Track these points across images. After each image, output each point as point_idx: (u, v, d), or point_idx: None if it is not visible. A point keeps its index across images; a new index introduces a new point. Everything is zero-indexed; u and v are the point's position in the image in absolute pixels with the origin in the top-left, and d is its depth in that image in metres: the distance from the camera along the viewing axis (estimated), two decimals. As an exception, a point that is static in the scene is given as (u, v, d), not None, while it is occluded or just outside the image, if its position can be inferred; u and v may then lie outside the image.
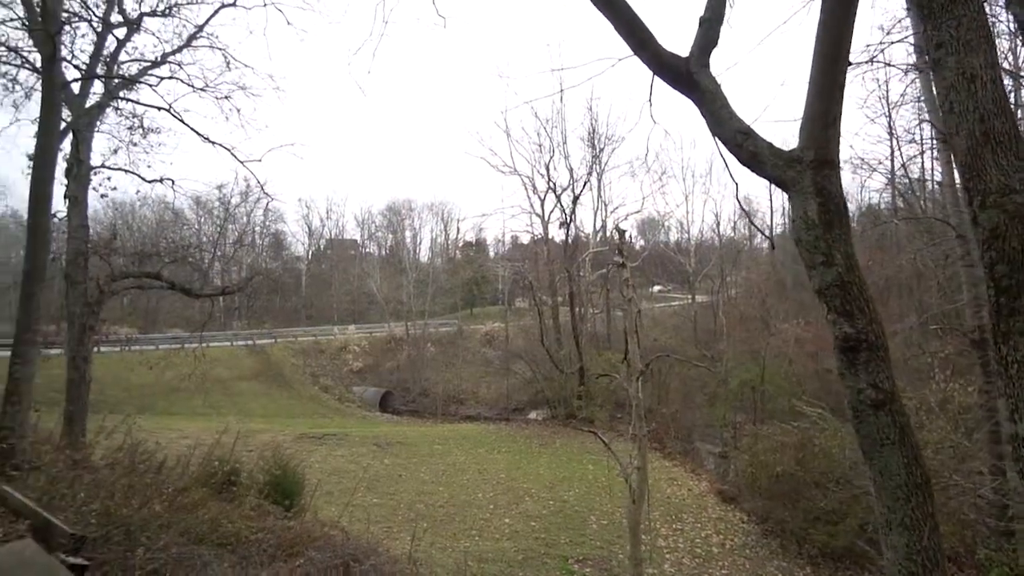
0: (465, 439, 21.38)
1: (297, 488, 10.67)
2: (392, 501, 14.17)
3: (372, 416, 28.45)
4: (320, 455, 17.50)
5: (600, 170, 29.74)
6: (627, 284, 7.11)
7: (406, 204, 57.08)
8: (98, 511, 6.27)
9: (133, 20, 13.39)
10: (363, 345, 36.07)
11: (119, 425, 8.43)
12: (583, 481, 16.46)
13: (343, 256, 53.87)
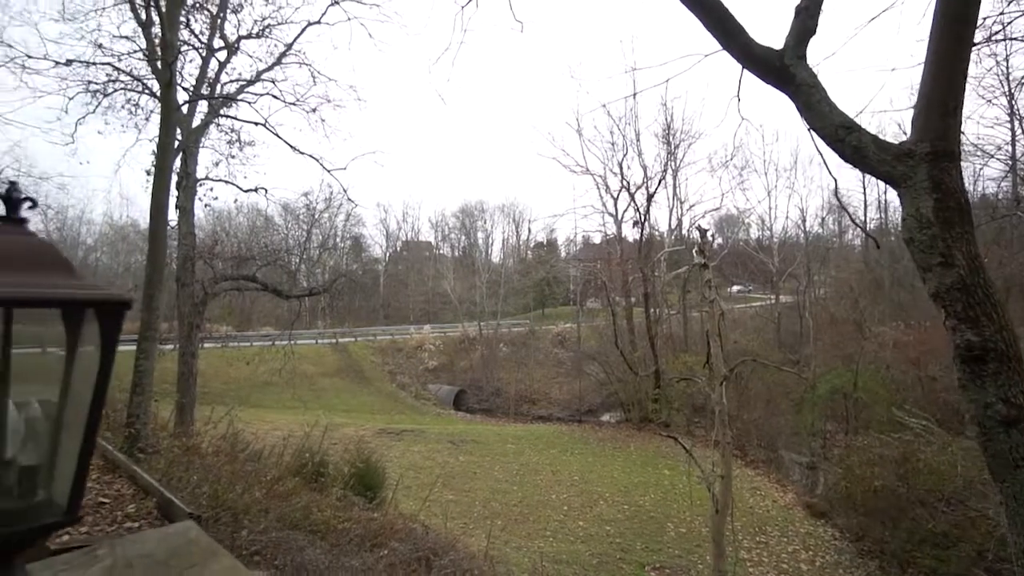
0: (538, 439, 21.44)
1: (379, 481, 11.15)
2: (467, 498, 14.46)
3: (446, 414, 29.17)
4: (398, 450, 18.19)
5: (675, 167, 28.83)
6: (708, 285, 6.84)
7: (478, 206, 58.14)
8: (208, 494, 6.86)
9: (232, 43, 14.54)
10: (437, 344, 37.04)
11: (223, 416, 9.16)
12: (659, 487, 16.04)
13: (418, 258, 55.64)
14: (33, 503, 0.71)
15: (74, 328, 0.72)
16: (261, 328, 35.69)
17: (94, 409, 0.73)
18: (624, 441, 21.35)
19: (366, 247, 55.63)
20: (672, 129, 27.30)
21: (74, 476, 0.72)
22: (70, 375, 0.74)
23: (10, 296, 0.64)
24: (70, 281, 0.70)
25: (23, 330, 0.74)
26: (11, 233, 0.71)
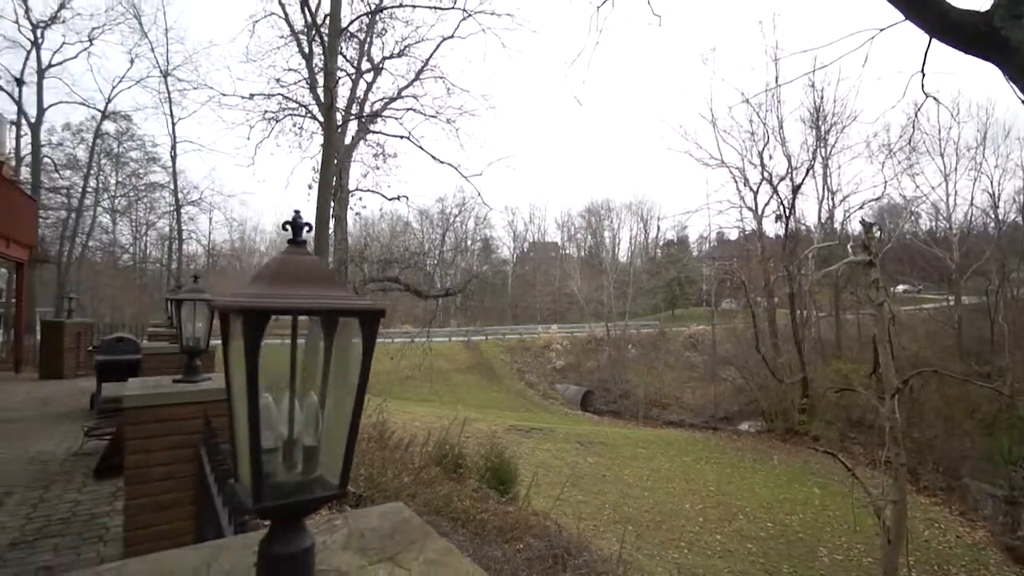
0: (669, 445, 20.62)
1: (511, 477, 11.49)
2: (597, 500, 14.34)
3: (574, 414, 29.19)
4: (528, 447, 18.57)
5: (826, 154, 25.97)
6: (876, 285, 6.06)
7: (604, 205, 57.43)
8: (365, 476, 7.57)
9: (377, 64, 15.90)
10: (564, 344, 37.21)
11: (377, 407, 10.03)
12: (808, 506, 14.59)
13: (544, 258, 56.38)
14: (314, 477, 0.85)
15: (344, 331, 0.85)
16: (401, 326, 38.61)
17: (358, 399, 0.85)
18: (766, 453, 19.74)
19: (495, 249, 57.67)
20: (822, 112, 24.63)
21: (344, 456, 0.85)
22: (340, 372, 0.87)
23: (323, 307, 0.78)
24: (342, 293, 0.83)
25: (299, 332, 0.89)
26: (299, 254, 0.85)
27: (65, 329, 11.95)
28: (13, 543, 3.80)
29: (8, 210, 11.62)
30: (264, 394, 0.79)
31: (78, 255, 28.91)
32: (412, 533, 1.15)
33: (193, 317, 3.10)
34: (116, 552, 3.70)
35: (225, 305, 0.81)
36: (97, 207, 31.12)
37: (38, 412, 8.18)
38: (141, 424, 2.75)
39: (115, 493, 4.82)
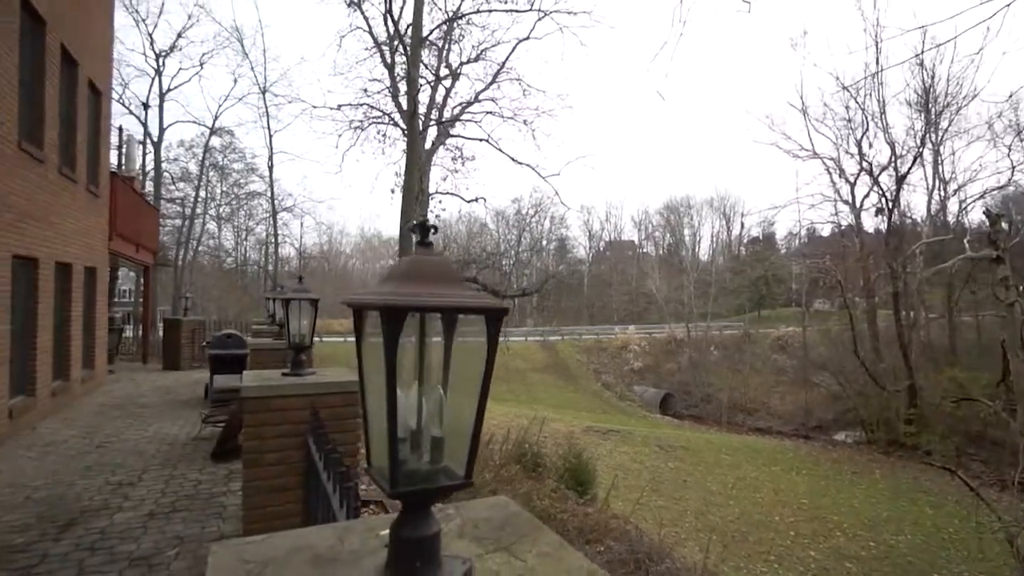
0: (756, 453, 19.58)
1: (590, 478, 11.38)
2: (678, 506, 13.90)
3: (652, 417, 28.44)
4: (605, 449, 18.30)
5: (937, 139, 23.56)
6: (1004, 283, 5.42)
7: (684, 201, 55.48)
8: (448, 471, 7.74)
9: (455, 70, 16.30)
10: (643, 345, 36.34)
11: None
12: (919, 527, 13.33)
13: (621, 257, 55.37)
14: (441, 467, 0.89)
15: (470, 328, 0.88)
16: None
17: (482, 395, 0.89)
18: (866, 466, 18.24)
19: (570, 248, 57.34)
20: (933, 93, 22.32)
21: (469, 448, 0.89)
22: (465, 367, 0.91)
23: (453, 304, 0.82)
24: (470, 292, 0.87)
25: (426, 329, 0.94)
26: (428, 254, 0.90)
27: (182, 326, 13.25)
28: (151, 514, 4.27)
29: (138, 220, 13.05)
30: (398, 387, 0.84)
31: (190, 259, 31.91)
32: (522, 526, 1.18)
33: (299, 315, 3.34)
34: (233, 528, 4.06)
35: (363, 303, 0.87)
36: (205, 215, 34.18)
37: (162, 400, 9.12)
38: (256, 413, 2.99)
39: (228, 475, 5.29)
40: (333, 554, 1.05)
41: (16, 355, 6.80)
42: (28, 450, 6.05)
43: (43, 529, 3.99)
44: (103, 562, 3.52)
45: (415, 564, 0.89)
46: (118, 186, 11.49)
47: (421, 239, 0.94)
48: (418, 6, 10.37)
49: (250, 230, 39.58)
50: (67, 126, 8.51)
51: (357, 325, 0.94)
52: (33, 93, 7.29)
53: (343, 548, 1.07)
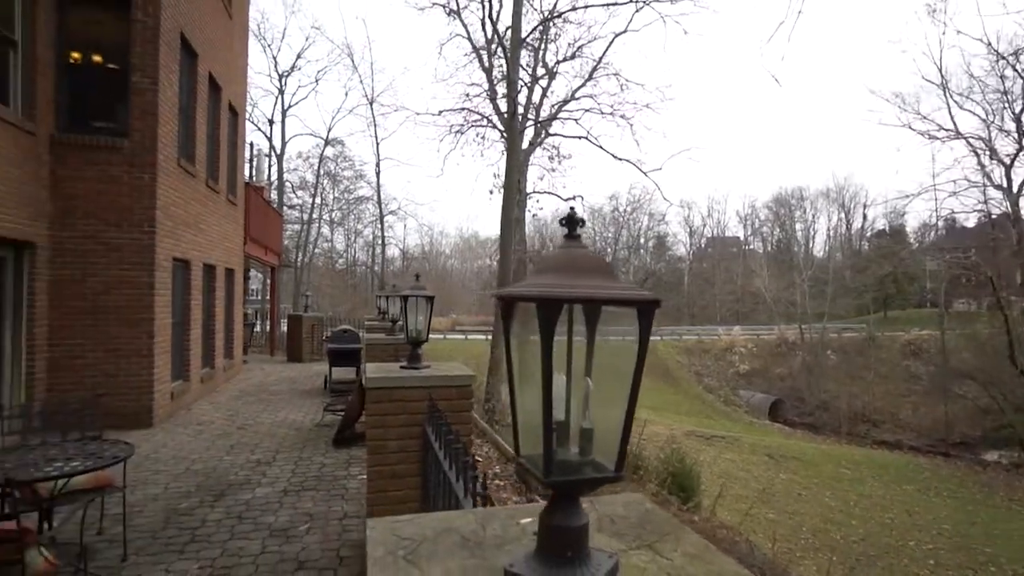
0: (882, 469, 17.71)
1: (693, 484, 10.91)
2: (792, 521, 12.93)
3: (760, 423, 26.70)
4: (709, 455, 17.46)
5: None
6: None
7: (795, 193, 51.48)
8: (549, 468, 7.77)
9: (551, 69, 16.30)
10: (749, 347, 34.20)
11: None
12: (1098, 566, 11.36)
13: (725, 254, 52.51)
14: (590, 459, 0.90)
15: (621, 320, 0.88)
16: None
17: (633, 388, 0.88)
18: (1026, 492, 15.86)
19: (669, 246, 55.34)
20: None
21: (619, 441, 0.89)
22: (616, 360, 0.91)
23: (607, 296, 0.82)
24: (620, 283, 0.86)
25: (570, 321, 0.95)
26: (578, 247, 0.91)
27: (303, 322, 14.48)
28: (285, 491, 4.72)
29: (266, 226, 14.46)
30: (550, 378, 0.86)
31: (307, 260, 34.77)
32: (662, 525, 1.15)
33: (416, 311, 3.51)
34: (355, 508, 4.37)
35: (518, 295, 0.89)
36: (320, 220, 37.07)
37: (288, 388, 10.04)
38: (379, 403, 3.19)
39: (348, 460, 5.70)
40: (478, 538, 1.09)
41: (175, 345, 7.81)
42: (185, 428, 6.92)
43: (201, 497, 4.54)
44: (249, 530, 3.94)
45: (566, 553, 0.90)
46: (251, 195, 12.79)
47: (569, 232, 0.95)
48: (517, 8, 10.53)
49: (358, 233, 42.37)
50: (212, 144, 9.62)
51: (506, 317, 0.97)
52: (188, 116, 8.33)
53: (486, 533, 1.11)
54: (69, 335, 6.63)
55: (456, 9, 14.18)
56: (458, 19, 14.66)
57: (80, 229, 6.71)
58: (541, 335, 0.84)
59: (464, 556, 1.01)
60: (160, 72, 7.00)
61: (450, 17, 14.65)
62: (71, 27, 6.81)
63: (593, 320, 0.91)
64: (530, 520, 1.18)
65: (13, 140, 5.93)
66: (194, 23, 8.30)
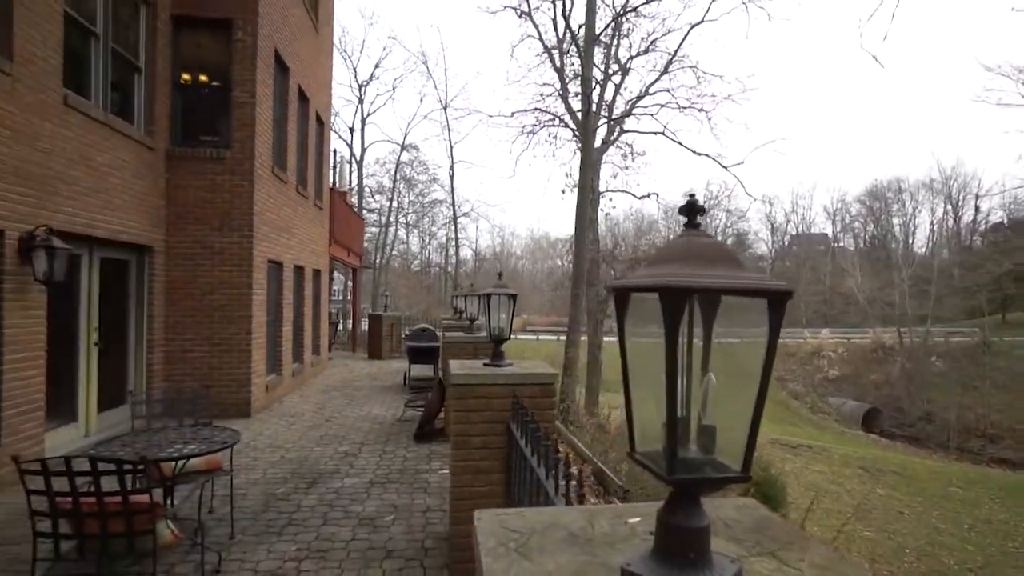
0: (1004, 491, 15.91)
1: (779, 495, 10.33)
2: (892, 541, 11.91)
3: (852, 434, 24.82)
4: (795, 465, 16.46)
5: None
6: None
7: (892, 185, 47.36)
8: (626, 472, 7.64)
9: (624, 65, 15.98)
10: (839, 351, 31.89)
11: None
12: None
13: (811, 252, 49.30)
14: (711, 458, 0.85)
15: (749, 312, 0.83)
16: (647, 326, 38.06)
17: (762, 385, 0.83)
18: None
19: (749, 244, 52.69)
20: None
21: (746, 442, 0.84)
22: (742, 354, 0.86)
23: (735, 286, 0.78)
24: (748, 273, 0.81)
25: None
26: (699, 235, 0.87)
27: (383, 321, 15.08)
28: (371, 482, 4.93)
29: (349, 229, 15.19)
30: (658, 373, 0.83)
31: (385, 262, 36.19)
32: (782, 533, 1.09)
33: (498, 309, 3.55)
34: (437, 502, 4.48)
35: (637, 285, 0.87)
36: (396, 223, 38.46)
37: (370, 384, 10.48)
38: (463, 399, 3.25)
39: (429, 455, 5.86)
40: (587, 535, 1.07)
41: (270, 342, 8.38)
42: (279, 419, 7.40)
43: (296, 484, 4.83)
44: (340, 517, 4.14)
45: (688, 554, 0.86)
46: (335, 200, 13.49)
47: (689, 220, 0.91)
48: (590, 5, 10.41)
49: (432, 235, 43.57)
50: (301, 152, 10.23)
51: (620, 310, 0.95)
52: (281, 127, 8.91)
53: (594, 531, 1.09)
54: (181, 331, 7.28)
55: (527, 10, 14.26)
56: (529, 20, 14.74)
57: (189, 234, 7.35)
58: (665, 327, 0.81)
59: (575, 552, 1.00)
60: (257, 87, 7.54)
61: (521, 19, 14.74)
62: (182, 50, 7.48)
63: (713, 312, 0.87)
64: (638, 520, 1.15)
65: (137, 155, 6.59)
66: (286, 39, 8.87)
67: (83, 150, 5.62)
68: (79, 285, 5.85)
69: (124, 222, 6.34)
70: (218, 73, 7.65)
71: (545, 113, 16.49)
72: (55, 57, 5.18)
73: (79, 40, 5.80)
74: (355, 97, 31.67)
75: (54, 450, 5.13)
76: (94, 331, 6.00)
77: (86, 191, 5.67)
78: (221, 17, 7.44)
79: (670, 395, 0.82)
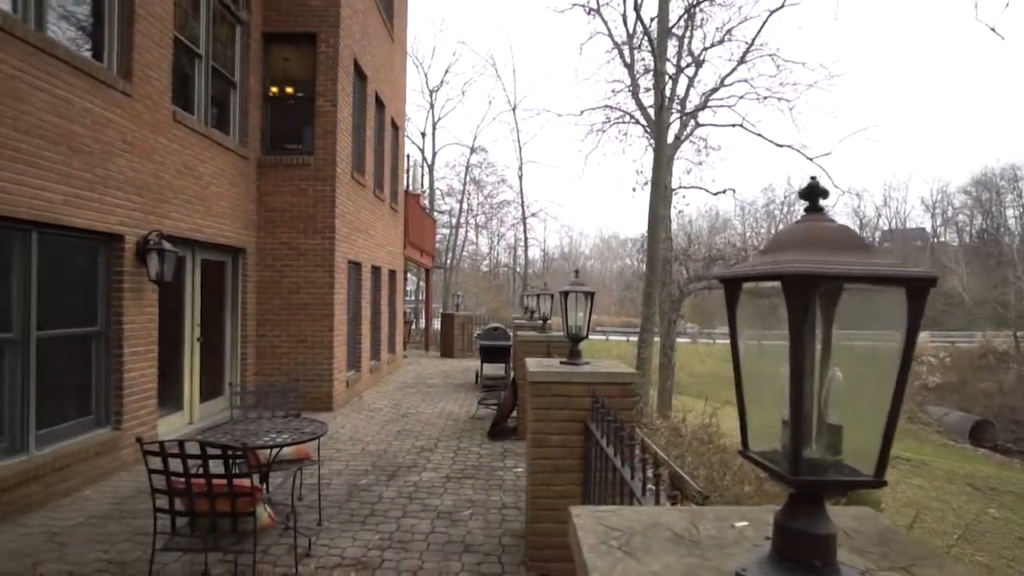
0: None
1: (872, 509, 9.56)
2: (1012, 570, 10.71)
3: (957, 447, 22.60)
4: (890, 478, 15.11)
5: None
6: None
7: (1007, 173, 42.72)
8: (704, 477, 7.36)
9: (698, 57, 15.40)
10: (941, 357, 29.15)
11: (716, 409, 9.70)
12: None
13: (907, 248, 45.40)
14: (838, 460, 0.79)
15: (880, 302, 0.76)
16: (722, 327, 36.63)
17: (899, 381, 0.76)
18: None
19: (834, 241, 49.25)
20: None
21: (880, 444, 0.77)
22: (873, 348, 0.79)
23: (868, 273, 0.72)
24: (881, 259, 0.74)
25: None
26: (823, 220, 0.81)
27: (455, 320, 15.39)
28: (447, 477, 5.03)
29: (422, 230, 15.65)
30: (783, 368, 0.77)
31: (456, 263, 36.96)
32: (909, 546, 0.99)
33: (576, 307, 3.51)
34: (512, 499, 4.50)
35: (754, 273, 0.82)
36: (466, 224, 39.17)
37: (443, 382, 10.73)
38: (541, 397, 3.24)
39: (503, 453, 5.91)
40: (692, 537, 1.03)
41: (350, 339, 8.77)
42: (359, 413, 7.73)
43: (376, 476, 5.02)
44: (419, 510, 4.26)
45: (812, 562, 0.80)
46: (409, 203, 13.92)
47: (811, 204, 0.84)
48: (663, -4, 10.12)
49: (501, 236, 44.01)
50: (378, 156, 10.64)
51: (731, 301, 0.90)
52: (359, 133, 9.31)
53: (699, 533, 1.04)
54: (270, 328, 7.77)
55: (596, 7, 14.08)
56: (598, 16, 14.54)
57: (277, 236, 7.83)
58: (790, 318, 0.76)
59: (682, 553, 0.96)
60: (339, 95, 7.91)
61: (590, 15, 14.58)
62: (270, 64, 7.99)
63: (835, 302, 0.80)
64: (746, 524, 1.09)
65: (233, 164, 7.11)
66: (364, 48, 9.25)
67: (188, 161, 6.13)
68: (184, 285, 6.38)
69: (222, 226, 6.85)
70: (302, 84, 8.10)
71: (615, 110, 16.23)
72: (166, 77, 5.68)
73: (185, 60, 6.33)
74: (426, 103, 32.63)
75: (164, 435, 5.62)
76: (196, 327, 6.53)
77: (191, 198, 6.18)
78: (306, 31, 7.88)
79: (795, 391, 0.77)
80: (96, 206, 4.75)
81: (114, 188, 4.96)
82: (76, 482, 4.51)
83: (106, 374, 5.02)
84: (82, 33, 4.94)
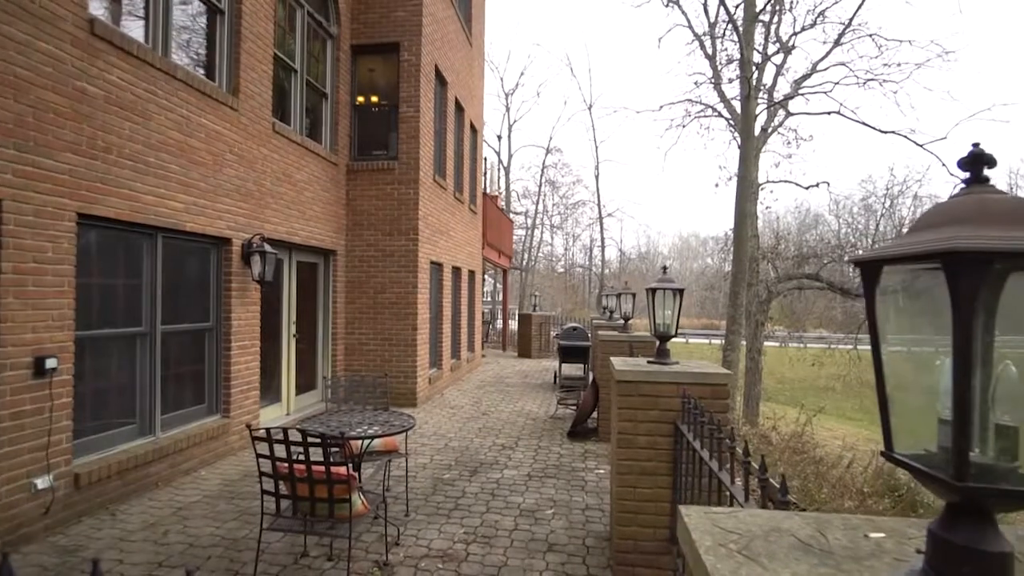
0: None
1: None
2: None
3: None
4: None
5: None
6: None
7: None
8: (798, 488, 6.89)
9: (786, 43, 14.46)
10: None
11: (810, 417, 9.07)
12: None
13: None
14: (1015, 467, 0.68)
15: None
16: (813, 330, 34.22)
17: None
18: None
19: (946, 236, 44.61)
20: None
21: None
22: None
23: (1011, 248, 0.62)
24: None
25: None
26: (990, 191, 0.71)
27: (532, 320, 15.44)
28: (529, 475, 5.04)
29: (500, 232, 15.84)
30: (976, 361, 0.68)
31: (532, 264, 37.12)
32: None
33: (663, 305, 3.39)
34: (595, 501, 4.43)
35: (902, 254, 0.73)
36: (541, 225, 39.23)
37: (521, 381, 10.78)
38: (629, 396, 3.16)
39: (584, 453, 5.83)
40: (821, 545, 0.94)
41: (432, 338, 9.03)
42: (441, 409, 7.93)
43: (460, 471, 5.12)
44: (501, 507, 4.28)
45: (981, 584, 0.70)
46: (487, 204, 14.13)
47: (974, 175, 0.74)
48: (750, -20, 9.59)
49: (576, 236, 43.69)
50: (458, 159, 10.89)
51: (869, 286, 0.81)
52: (440, 137, 9.58)
53: (828, 541, 0.96)
54: (358, 326, 8.16)
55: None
56: (677, 7, 14.05)
57: (364, 239, 8.21)
58: (953, 303, 0.66)
59: (812, 563, 0.88)
60: (421, 101, 8.18)
61: (668, 7, 14.11)
62: (358, 74, 8.39)
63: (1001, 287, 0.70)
64: (883, 535, 0.98)
65: (324, 170, 7.54)
66: (444, 55, 9.51)
67: (285, 169, 6.57)
68: (282, 284, 6.84)
69: (315, 229, 7.28)
70: (387, 92, 8.45)
71: (696, 104, 15.60)
72: (267, 91, 6.13)
73: (283, 75, 6.79)
74: (502, 105, 33.06)
75: (264, 425, 6.05)
76: (293, 324, 6.98)
77: (287, 204, 6.61)
78: (391, 41, 8.21)
79: (960, 387, 0.67)
80: (209, 212, 5.20)
81: (223, 195, 5.41)
82: (193, 463, 4.95)
83: (217, 366, 5.48)
84: (198, 55, 5.42)
